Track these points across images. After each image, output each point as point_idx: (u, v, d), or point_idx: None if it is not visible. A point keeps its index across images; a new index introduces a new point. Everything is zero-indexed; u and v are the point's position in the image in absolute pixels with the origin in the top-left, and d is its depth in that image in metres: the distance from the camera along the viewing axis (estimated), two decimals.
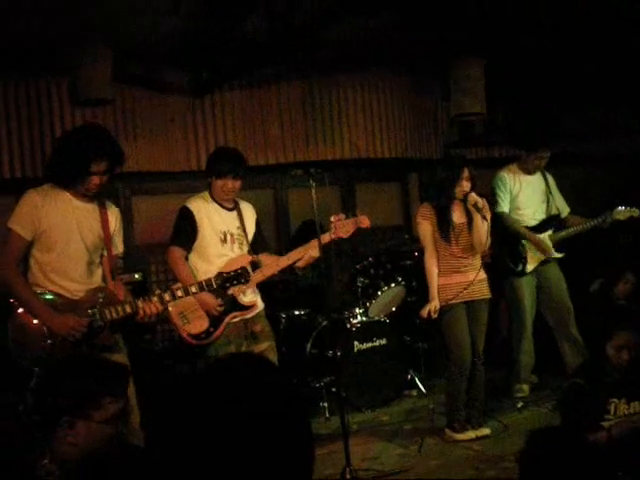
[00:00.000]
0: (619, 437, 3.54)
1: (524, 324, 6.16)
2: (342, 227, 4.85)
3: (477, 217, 5.11)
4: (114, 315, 3.91)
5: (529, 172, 6.18)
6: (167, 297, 4.05)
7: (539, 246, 6.11)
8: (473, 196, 5.09)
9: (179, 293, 4.11)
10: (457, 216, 5.25)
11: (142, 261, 6.77)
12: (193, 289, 4.17)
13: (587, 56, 6.87)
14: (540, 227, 6.19)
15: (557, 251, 6.19)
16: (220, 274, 4.24)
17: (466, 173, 5.14)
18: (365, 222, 4.95)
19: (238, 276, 4.22)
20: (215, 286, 4.21)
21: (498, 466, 4.65)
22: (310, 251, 4.83)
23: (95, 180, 3.90)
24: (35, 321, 3.82)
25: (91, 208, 4.05)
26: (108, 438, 2.45)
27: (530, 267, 6.12)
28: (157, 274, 6.79)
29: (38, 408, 2.48)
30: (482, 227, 5.10)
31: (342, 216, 4.90)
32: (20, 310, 3.83)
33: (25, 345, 3.81)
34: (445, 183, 5.21)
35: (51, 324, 3.80)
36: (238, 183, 4.84)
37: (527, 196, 6.17)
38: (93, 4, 4.97)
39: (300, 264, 5.03)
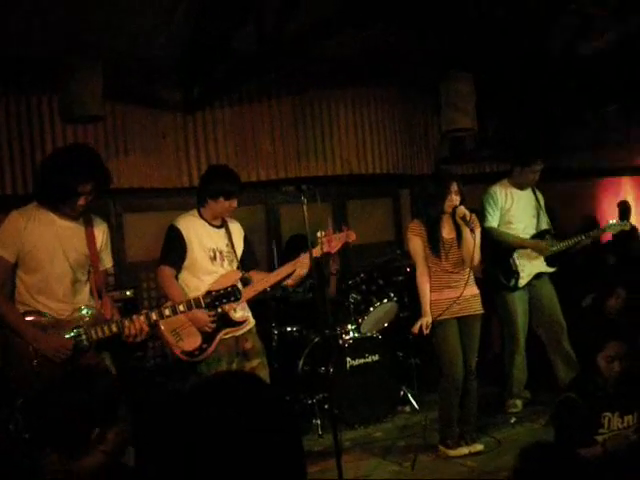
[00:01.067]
0: (614, 451, 3.53)
1: (517, 339, 6.15)
2: (330, 242, 4.89)
3: (466, 230, 5.12)
4: (99, 334, 3.89)
5: (521, 187, 6.20)
6: (154, 316, 4.02)
7: (537, 250, 6.10)
8: (461, 209, 5.10)
9: (167, 312, 4.09)
10: (447, 231, 5.26)
11: (134, 278, 6.75)
12: (181, 307, 4.14)
13: (577, 69, 6.91)
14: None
15: (549, 265, 6.20)
16: (209, 293, 4.20)
17: (455, 187, 5.15)
18: (352, 237, 5.03)
19: (228, 294, 4.17)
20: (204, 305, 4.18)
21: None
22: (298, 269, 4.87)
23: (81, 201, 3.90)
24: (20, 341, 3.79)
25: (75, 226, 4.03)
26: (128, 437, 2.46)
27: (522, 282, 6.12)
28: (149, 291, 6.76)
29: (62, 425, 2.45)
30: (471, 241, 5.10)
31: (330, 231, 4.94)
32: (5, 331, 3.82)
33: (11, 365, 3.79)
34: (434, 198, 5.21)
35: (36, 344, 3.78)
36: (234, 202, 4.88)
37: (519, 211, 6.18)
38: (85, 20, 4.98)
39: (289, 282, 5.05)
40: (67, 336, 3.85)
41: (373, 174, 7.74)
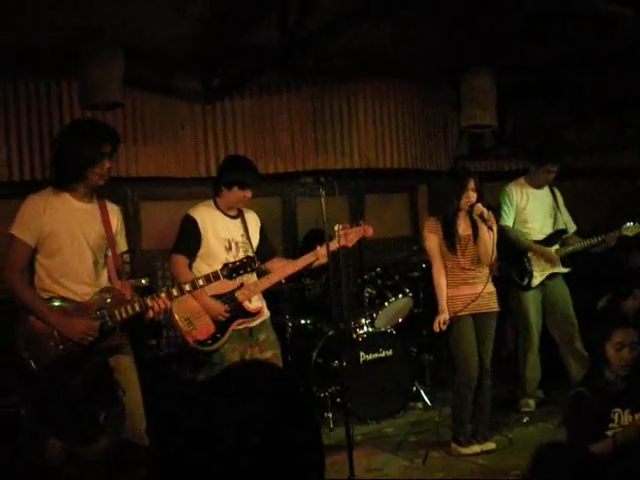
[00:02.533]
0: (624, 444, 3.49)
1: (530, 338, 6.13)
2: (347, 236, 4.88)
3: (483, 228, 5.09)
4: (124, 315, 3.88)
5: (537, 186, 6.16)
6: (175, 292, 4.02)
7: (545, 257, 6.08)
8: (479, 207, 5.07)
9: (187, 287, 4.07)
10: (463, 228, 5.23)
11: (149, 266, 6.75)
12: (200, 282, 4.12)
13: (597, 69, 6.85)
14: (547, 241, 6.17)
15: (564, 266, 6.16)
16: (226, 265, 4.21)
17: (472, 184, 5.12)
18: (369, 231, 5.04)
19: (244, 265, 4.20)
20: (222, 277, 4.17)
21: None
22: (320, 259, 4.89)
23: (107, 164, 3.91)
24: (45, 327, 3.78)
25: (92, 209, 4.04)
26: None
27: (536, 281, 6.09)
28: (164, 279, 6.76)
29: (61, 414, 2.46)
30: (488, 238, 5.07)
31: (347, 225, 4.95)
32: (29, 317, 3.80)
33: (35, 352, 3.76)
34: (451, 194, 5.19)
35: (62, 329, 3.77)
36: (249, 193, 4.89)
37: (534, 210, 6.15)
38: (105, 7, 4.97)
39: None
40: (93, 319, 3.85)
41: (391, 169, 7.70)
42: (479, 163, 8.31)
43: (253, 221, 5.11)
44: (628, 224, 6.04)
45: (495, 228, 5.12)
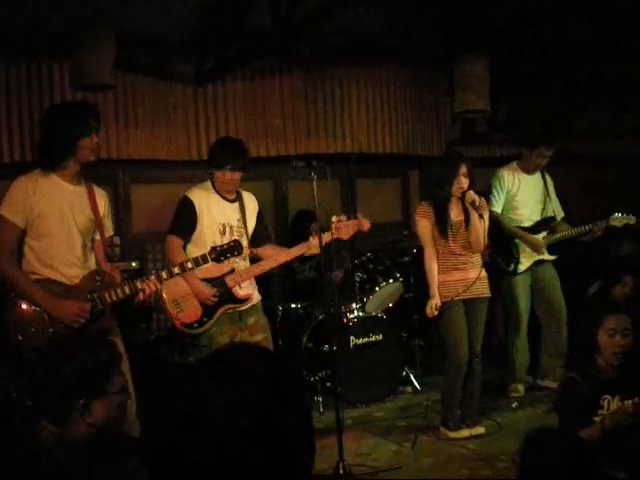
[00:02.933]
0: (612, 429, 3.50)
1: (519, 324, 6.17)
2: (343, 228, 4.85)
3: (474, 215, 5.10)
4: (114, 298, 3.88)
5: (529, 171, 6.16)
6: (164, 275, 4.02)
7: (530, 244, 6.09)
8: (470, 194, 5.08)
9: (176, 270, 4.07)
10: (455, 213, 5.24)
11: (140, 249, 6.73)
12: (189, 265, 4.12)
13: (594, 54, 6.83)
14: (535, 228, 6.18)
15: (550, 253, 6.18)
16: (214, 248, 4.22)
17: (464, 169, 5.13)
18: (366, 225, 4.98)
19: (231, 248, 4.22)
20: (210, 260, 4.17)
21: (492, 465, 4.64)
22: (312, 250, 4.87)
23: (95, 138, 3.92)
24: (35, 310, 3.76)
25: (80, 191, 4.03)
26: (122, 407, 2.45)
27: (522, 267, 6.12)
28: (154, 262, 6.74)
29: (48, 396, 2.45)
30: (479, 225, 5.08)
31: (343, 217, 4.89)
32: (18, 299, 3.78)
33: (25, 335, 3.74)
34: (443, 180, 5.19)
35: (53, 312, 3.75)
36: (237, 175, 4.83)
37: (525, 196, 6.15)
38: None
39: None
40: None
41: (383, 153, 7.69)
42: (471, 149, 8.29)
43: (251, 204, 5.07)
44: (616, 215, 6.02)
45: (486, 215, 5.14)
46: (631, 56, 6.70)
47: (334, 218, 4.82)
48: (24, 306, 3.77)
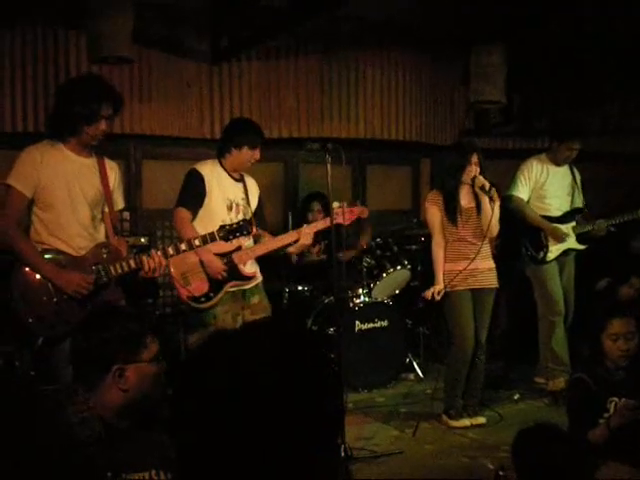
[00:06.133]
0: (619, 428, 3.48)
1: (554, 312, 5.97)
2: (343, 215, 4.94)
3: (485, 200, 5.10)
4: (119, 271, 3.86)
5: (558, 163, 6.10)
6: (171, 251, 4.01)
7: (551, 233, 6.02)
8: (480, 179, 5.10)
9: (183, 247, 4.06)
10: (466, 201, 5.24)
11: (149, 225, 6.73)
12: (197, 242, 4.12)
13: (610, 51, 6.78)
14: (564, 218, 6.11)
15: (580, 243, 6.12)
16: (222, 227, 4.21)
17: (475, 158, 5.14)
18: (365, 213, 5.16)
19: (240, 228, 4.21)
20: (218, 238, 4.17)
21: (492, 455, 4.63)
22: (302, 239, 4.94)
23: (103, 125, 3.87)
24: (39, 279, 3.76)
25: (90, 163, 4.00)
26: (157, 377, 2.45)
27: (551, 256, 6.01)
28: (163, 239, 6.74)
29: (85, 359, 2.46)
30: (489, 210, 5.08)
31: (344, 204, 5.00)
32: (24, 268, 3.77)
33: (29, 304, 3.75)
34: (453, 167, 5.22)
35: (57, 282, 3.75)
36: (257, 153, 4.94)
37: (553, 186, 6.08)
38: None
39: (292, 250, 5.12)
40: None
41: (396, 140, 7.66)
42: (484, 140, 8.24)
43: (254, 187, 5.16)
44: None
45: (497, 204, 5.12)
46: None
47: (335, 204, 4.87)
48: (29, 275, 3.77)
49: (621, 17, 6.03)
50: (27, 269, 3.78)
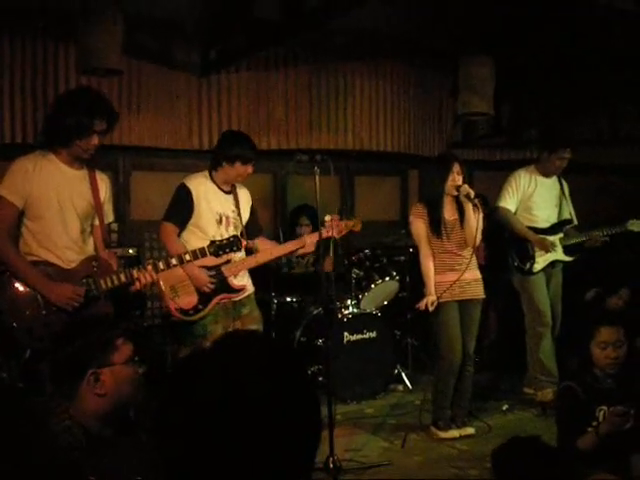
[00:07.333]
0: (606, 434, 3.49)
1: (541, 323, 5.99)
2: (335, 228, 4.96)
3: (468, 207, 5.11)
4: (109, 284, 3.86)
5: (546, 174, 6.12)
6: (162, 265, 4.01)
7: (540, 245, 6.03)
8: (465, 187, 5.12)
9: (174, 261, 4.07)
10: (449, 213, 5.25)
11: (137, 237, 6.72)
12: (187, 257, 4.12)
13: (600, 61, 6.83)
14: (551, 229, 6.14)
15: (567, 254, 6.14)
16: (213, 242, 4.22)
17: (457, 168, 5.16)
18: (358, 227, 5.19)
19: (231, 244, 4.23)
20: (208, 254, 4.18)
21: (480, 466, 4.63)
22: (306, 247, 5.01)
23: (95, 140, 3.86)
24: (28, 291, 3.74)
25: (81, 175, 3.99)
26: (134, 379, 2.45)
27: (537, 267, 6.04)
28: (151, 250, 6.74)
29: (60, 369, 2.46)
30: (473, 218, 5.09)
31: (337, 217, 5.02)
32: (13, 279, 3.75)
33: (18, 316, 3.72)
34: (436, 178, 5.24)
35: (47, 293, 3.73)
36: (250, 168, 4.92)
37: (541, 198, 6.10)
38: None
39: (296, 253, 5.16)
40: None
41: (384, 151, 7.69)
42: (472, 151, 8.30)
43: (245, 197, 5.12)
44: (635, 220, 6.02)
45: (481, 215, 5.13)
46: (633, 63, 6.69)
47: (327, 217, 4.89)
48: (18, 287, 3.75)
49: (612, 27, 6.07)
50: (16, 280, 3.76)
